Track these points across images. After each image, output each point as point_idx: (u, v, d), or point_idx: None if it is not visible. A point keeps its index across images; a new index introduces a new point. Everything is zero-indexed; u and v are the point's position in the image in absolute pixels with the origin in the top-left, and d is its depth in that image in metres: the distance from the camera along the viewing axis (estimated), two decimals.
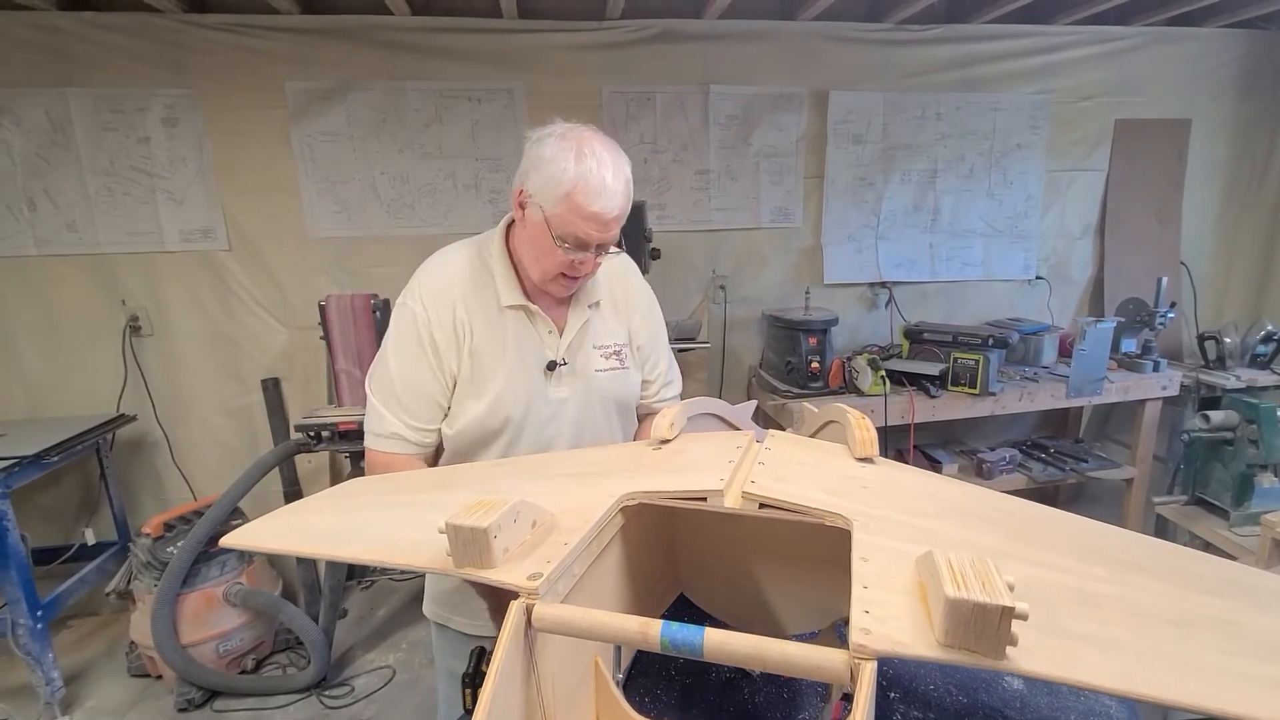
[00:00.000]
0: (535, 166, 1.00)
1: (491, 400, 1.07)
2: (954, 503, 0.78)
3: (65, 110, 2.40)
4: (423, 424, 1.08)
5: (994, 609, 0.45)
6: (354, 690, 2.30)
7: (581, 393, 1.14)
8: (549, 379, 1.11)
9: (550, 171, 0.97)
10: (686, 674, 0.92)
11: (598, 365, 1.15)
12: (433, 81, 2.59)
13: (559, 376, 1.12)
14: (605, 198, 0.98)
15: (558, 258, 1.01)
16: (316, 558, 1.72)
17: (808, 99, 2.86)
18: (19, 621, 2.08)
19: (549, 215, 0.99)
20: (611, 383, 1.16)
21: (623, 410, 1.20)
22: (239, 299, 2.65)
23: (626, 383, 1.19)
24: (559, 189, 0.97)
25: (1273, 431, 1.77)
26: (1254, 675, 0.47)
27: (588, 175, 0.96)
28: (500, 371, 1.08)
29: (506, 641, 0.56)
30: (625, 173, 1.01)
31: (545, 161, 0.98)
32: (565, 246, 1.00)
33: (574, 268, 1.04)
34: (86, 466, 2.61)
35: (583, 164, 0.97)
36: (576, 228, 0.98)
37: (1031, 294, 3.23)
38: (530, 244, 1.05)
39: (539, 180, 0.99)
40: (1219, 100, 3.14)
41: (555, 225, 0.99)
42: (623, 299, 1.21)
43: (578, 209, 0.97)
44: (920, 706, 0.84)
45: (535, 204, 1.00)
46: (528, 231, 1.05)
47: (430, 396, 1.08)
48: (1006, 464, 2.81)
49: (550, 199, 0.98)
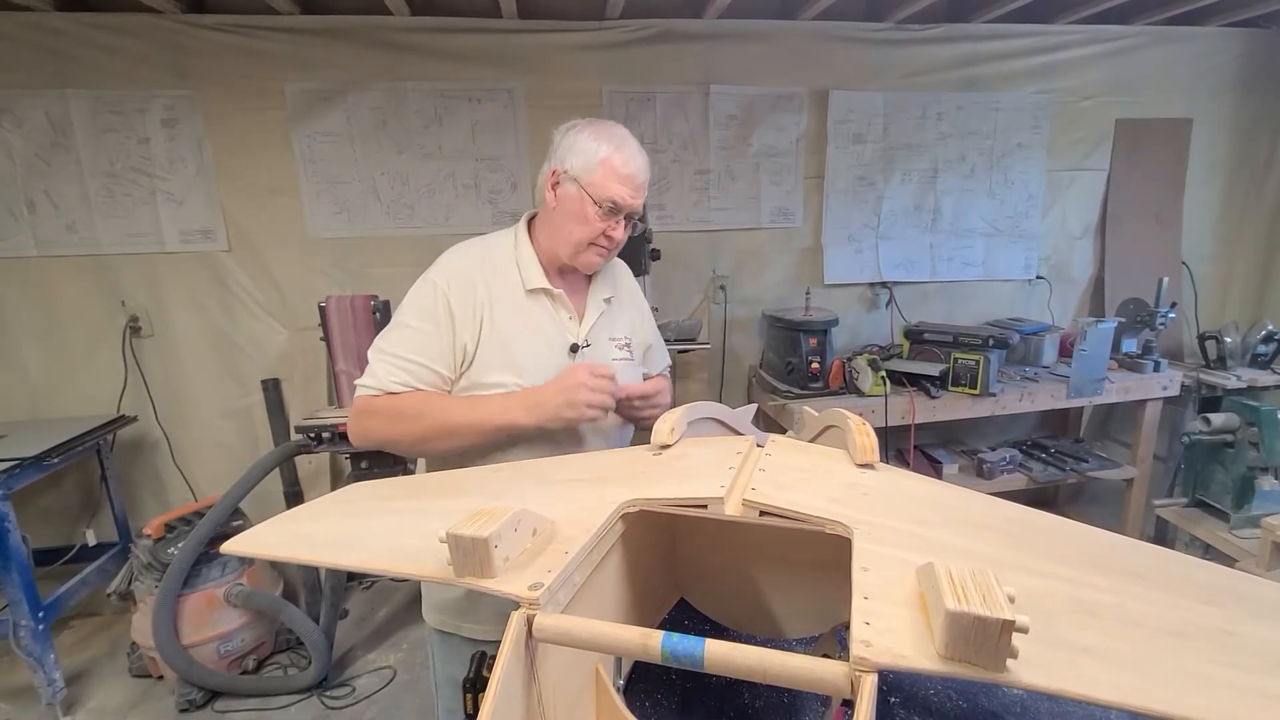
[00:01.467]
0: (570, 148, 1.12)
1: (524, 373, 1.12)
2: (955, 510, 0.78)
3: (65, 111, 2.40)
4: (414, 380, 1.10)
5: (994, 622, 0.45)
6: (355, 691, 2.30)
7: None
8: (573, 360, 1.17)
9: (585, 147, 1.11)
10: (687, 679, 0.92)
11: (613, 354, 1.23)
12: (432, 82, 2.59)
13: (582, 359, 1.18)
14: (636, 163, 1.13)
15: (594, 225, 1.12)
16: (318, 565, 1.71)
17: (808, 99, 2.86)
18: (20, 622, 2.08)
19: (586, 184, 1.11)
20: (624, 372, 1.20)
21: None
22: (239, 300, 2.65)
23: (635, 374, 1.26)
24: (595, 158, 1.11)
25: (1273, 434, 1.77)
26: (1251, 688, 0.48)
27: (620, 145, 1.12)
28: (530, 348, 1.14)
29: (507, 652, 0.56)
30: (644, 151, 1.17)
31: (579, 142, 1.12)
32: (602, 210, 1.11)
33: (606, 237, 1.14)
34: (87, 468, 2.61)
35: (613, 139, 1.13)
36: (613, 190, 1.11)
37: (1032, 294, 3.23)
38: (564, 219, 1.14)
39: (574, 157, 1.11)
40: (1220, 100, 3.13)
41: (594, 190, 1.11)
42: (628, 298, 1.32)
43: (613, 171, 1.11)
44: (921, 712, 0.84)
45: (570, 178, 1.12)
46: (560, 209, 1.14)
47: (426, 357, 1.10)
48: (1007, 464, 2.81)
49: (587, 168, 1.11)
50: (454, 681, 1.20)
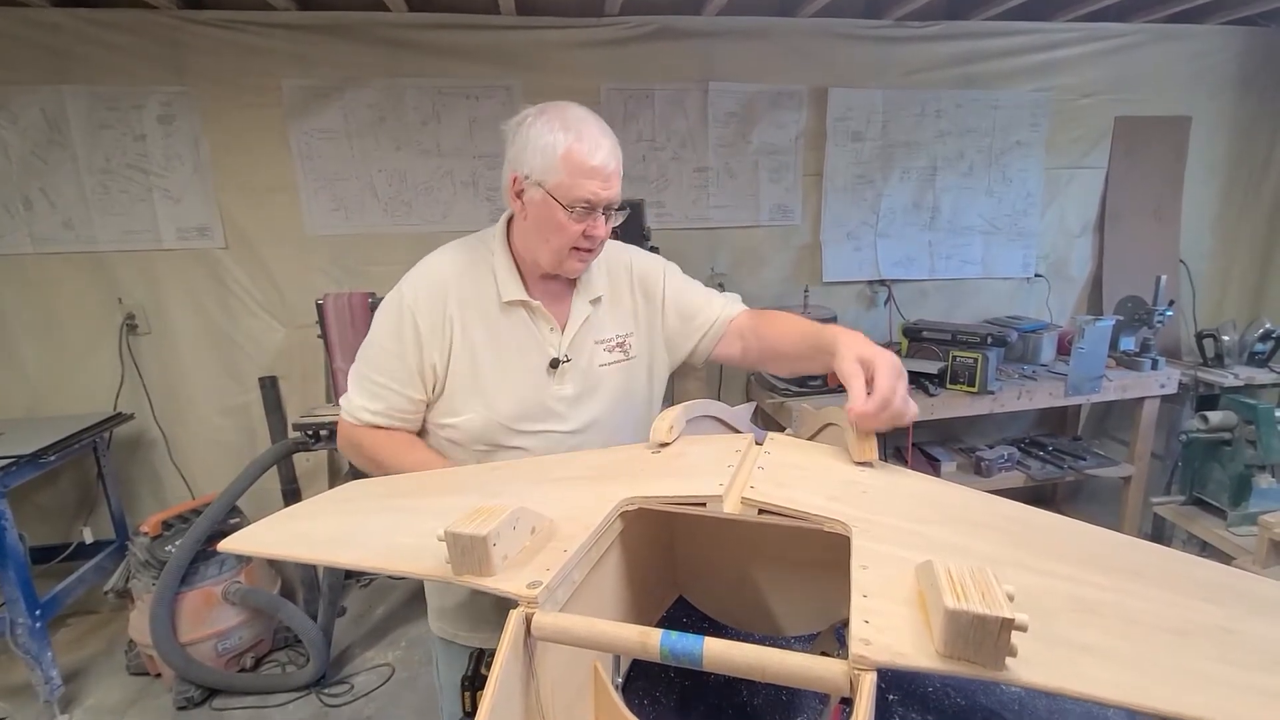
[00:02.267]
0: (524, 148, 1.01)
1: (494, 398, 1.07)
2: (954, 508, 0.78)
3: (61, 108, 2.39)
4: (386, 408, 1.09)
5: (994, 621, 0.45)
6: (353, 688, 2.30)
7: (587, 389, 1.13)
8: (552, 377, 1.10)
9: (540, 145, 0.99)
10: (685, 676, 0.92)
11: (601, 360, 1.14)
12: (430, 79, 2.58)
13: (563, 374, 1.11)
14: (600, 151, 1.00)
15: (570, 230, 1.02)
16: (315, 563, 1.71)
17: (807, 96, 2.86)
18: (18, 620, 2.08)
19: (552, 187, 1.00)
20: (616, 376, 1.15)
21: (631, 401, 1.19)
22: (236, 297, 2.64)
23: (630, 375, 1.18)
24: (554, 156, 0.98)
25: (1270, 433, 1.77)
26: (1249, 685, 0.47)
27: (579, 134, 0.99)
28: (503, 372, 1.08)
29: (506, 650, 0.56)
30: (608, 129, 1.04)
31: (532, 140, 1.00)
32: (576, 213, 1.00)
33: (587, 238, 1.04)
34: (84, 465, 2.61)
35: (569, 129, 0.99)
36: (581, 189, 0.99)
37: (1030, 292, 3.24)
38: (537, 228, 1.04)
39: (532, 158, 1.00)
40: (1219, 98, 3.13)
41: (561, 194, 1.00)
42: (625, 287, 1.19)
43: (578, 167, 0.99)
44: (919, 709, 0.84)
45: (533, 183, 1.01)
46: (531, 217, 1.04)
47: (397, 381, 1.08)
48: (1005, 462, 2.82)
49: (548, 170, 0.99)
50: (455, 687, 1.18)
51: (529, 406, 1.09)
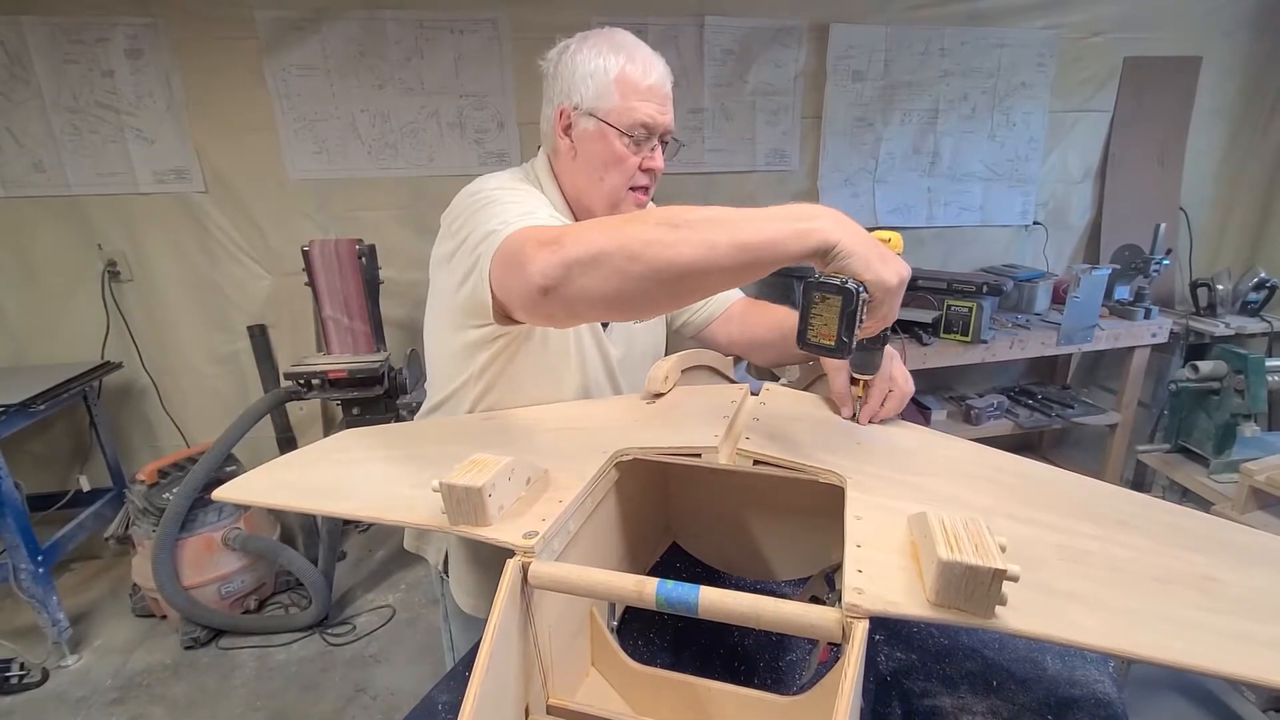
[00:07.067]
0: (571, 77, 0.95)
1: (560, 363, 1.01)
2: (947, 460, 0.79)
3: (21, 40, 2.25)
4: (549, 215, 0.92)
5: (986, 572, 0.45)
6: (355, 629, 2.38)
7: (629, 351, 1.12)
8: (607, 334, 1.07)
9: (590, 70, 0.93)
10: (678, 619, 0.95)
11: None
12: (412, 11, 2.44)
13: (611, 335, 1.08)
14: (655, 71, 0.96)
15: (629, 162, 0.96)
16: (311, 512, 1.71)
17: (807, 32, 2.74)
18: (20, 566, 2.11)
19: (605, 113, 0.94)
20: (647, 334, 1.16)
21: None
22: (219, 243, 2.57)
23: (655, 334, 1.19)
24: (608, 78, 0.93)
25: (1259, 382, 1.79)
26: (1228, 631, 0.49)
27: (630, 55, 0.94)
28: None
29: (503, 599, 0.56)
30: (657, 53, 0.98)
31: (580, 67, 0.94)
32: (634, 138, 0.95)
33: (644, 172, 0.98)
34: (76, 414, 2.60)
35: (620, 50, 0.94)
36: (638, 112, 0.94)
37: (1028, 240, 3.20)
38: (590, 166, 0.97)
39: (582, 86, 0.94)
40: (1233, 38, 3.02)
41: (617, 118, 0.94)
42: None
43: (633, 89, 0.93)
44: (904, 648, 0.87)
45: (584, 113, 0.95)
46: (582, 154, 0.97)
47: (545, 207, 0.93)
48: (994, 410, 2.86)
49: (603, 94, 0.93)
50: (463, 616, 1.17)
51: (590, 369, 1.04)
